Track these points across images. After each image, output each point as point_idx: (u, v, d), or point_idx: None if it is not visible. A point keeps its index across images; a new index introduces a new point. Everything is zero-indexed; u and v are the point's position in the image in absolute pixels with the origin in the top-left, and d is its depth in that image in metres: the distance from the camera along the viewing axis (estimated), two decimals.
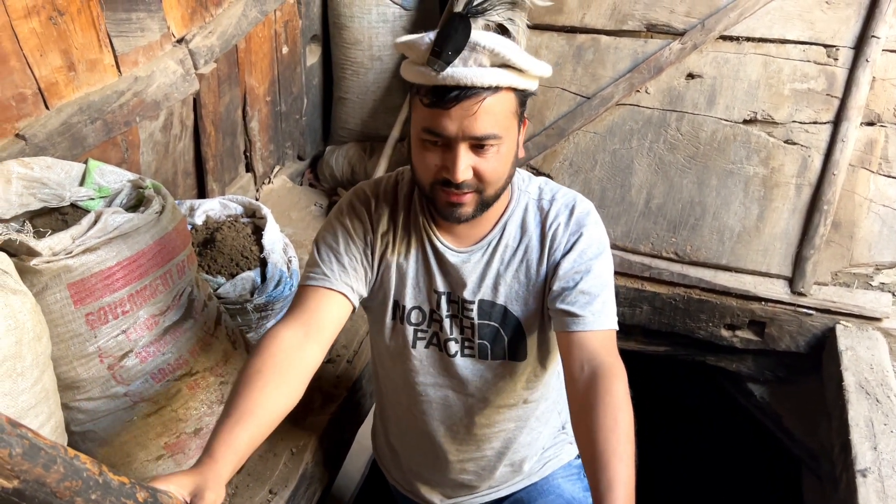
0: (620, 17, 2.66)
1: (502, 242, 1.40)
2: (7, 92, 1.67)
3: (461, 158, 1.22)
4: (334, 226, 1.43)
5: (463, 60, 1.15)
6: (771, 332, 2.36)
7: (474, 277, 1.41)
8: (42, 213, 1.59)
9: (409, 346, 1.48)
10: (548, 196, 1.42)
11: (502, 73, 1.17)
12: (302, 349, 1.28)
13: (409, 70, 1.24)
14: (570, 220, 1.37)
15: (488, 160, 1.24)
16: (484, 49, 1.15)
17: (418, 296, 1.45)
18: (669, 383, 3.23)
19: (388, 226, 1.43)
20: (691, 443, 3.36)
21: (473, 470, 1.62)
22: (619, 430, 1.15)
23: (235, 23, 2.49)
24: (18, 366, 1.20)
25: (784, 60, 2.48)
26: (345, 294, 1.37)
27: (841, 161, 2.34)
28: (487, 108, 1.18)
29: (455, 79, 1.15)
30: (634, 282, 2.46)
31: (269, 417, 1.18)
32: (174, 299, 1.57)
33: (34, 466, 0.68)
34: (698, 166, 2.49)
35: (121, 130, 2.01)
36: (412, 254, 1.43)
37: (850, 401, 1.96)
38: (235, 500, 1.70)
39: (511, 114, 1.24)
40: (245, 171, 2.94)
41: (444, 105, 1.18)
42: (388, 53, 3.17)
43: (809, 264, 2.32)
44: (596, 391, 1.19)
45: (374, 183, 1.49)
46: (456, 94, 1.16)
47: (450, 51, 1.13)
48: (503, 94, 1.20)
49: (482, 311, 1.42)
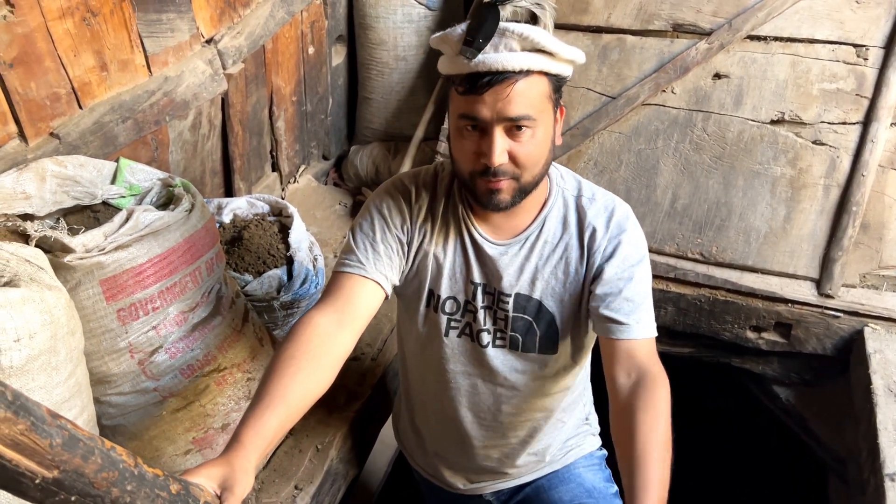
0: (646, 17, 2.65)
1: (541, 238, 1.41)
2: (42, 91, 1.70)
3: (497, 142, 1.24)
4: (371, 213, 1.44)
5: (494, 47, 1.18)
6: (797, 334, 2.34)
7: (511, 270, 1.42)
8: (75, 211, 1.62)
9: (442, 335, 1.49)
10: (587, 194, 1.43)
11: (533, 56, 1.19)
12: (335, 336, 1.29)
13: (444, 63, 1.27)
14: (610, 223, 1.38)
15: (524, 144, 1.25)
16: (513, 34, 1.17)
17: (454, 286, 1.46)
18: (694, 385, 3.21)
19: (426, 215, 1.45)
20: (715, 445, 3.34)
21: (497, 457, 1.64)
22: (658, 436, 1.17)
23: (263, 23, 2.52)
24: (53, 360, 1.22)
25: (813, 60, 2.46)
26: (378, 282, 1.38)
27: (870, 162, 2.31)
28: (520, 90, 1.20)
29: (487, 64, 1.18)
30: (659, 283, 2.44)
31: (300, 403, 1.19)
32: (203, 296, 1.60)
33: (73, 457, 0.70)
34: (724, 167, 2.47)
35: (151, 129, 2.04)
36: (450, 244, 1.44)
37: (879, 404, 1.94)
38: (261, 496, 1.72)
39: (544, 97, 1.25)
40: (271, 171, 2.97)
41: (478, 91, 1.20)
42: (412, 53, 3.18)
43: (837, 266, 2.30)
44: (640, 398, 1.22)
45: (414, 174, 1.50)
46: (489, 80, 1.19)
47: (481, 38, 1.17)
48: (535, 78, 1.22)
49: (518, 305, 1.43)
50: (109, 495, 0.74)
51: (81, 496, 0.72)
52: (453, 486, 1.72)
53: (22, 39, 1.63)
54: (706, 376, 2.97)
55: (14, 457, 0.66)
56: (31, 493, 0.69)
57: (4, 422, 0.64)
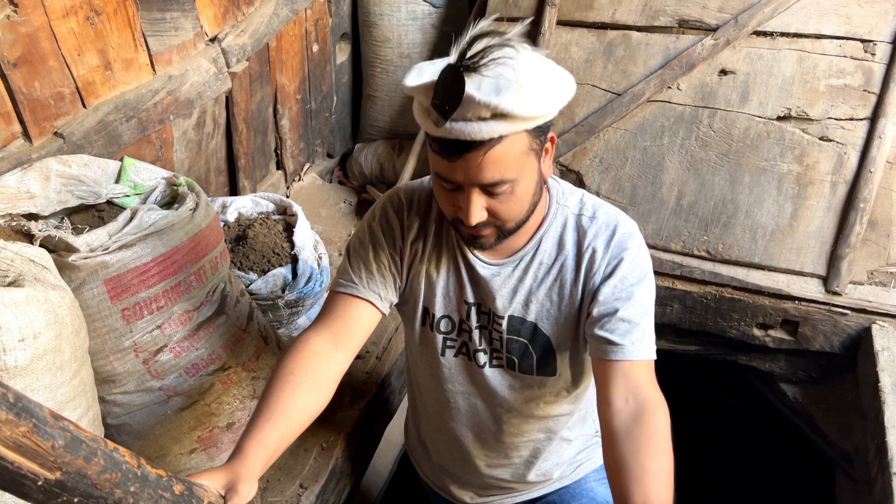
0: (652, 13, 2.64)
1: (536, 259, 1.36)
2: (46, 91, 1.70)
3: (474, 203, 1.18)
4: (365, 232, 1.43)
5: (462, 114, 1.08)
6: (804, 331, 2.33)
7: (505, 292, 1.38)
8: (79, 210, 1.62)
9: (439, 354, 1.48)
10: (588, 213, 1.36)
11: (504, 124, 1.09)
12: (331, 355, 1.31)
13: (418, 114, 1.19)
14: (611, 242, 1.31)
15: (502, 202, 1.20)
16: (480, 104, 1.06)
17: (448, 305, 1.44)
18: (700, 383, 3.20)
19: (418, 234, 1.42)
20: (722, 443, 3.33)
21: (502, 475, 1.62)
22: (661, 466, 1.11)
23: (267, 21, 2.52)
24: (58, 359, 1.22)
25: (819, 56, 2.44)
26: (372, 302, 1.38)
27: (878, 158, 2.30)
28: (493, 157, 1.13)
29: (454, 133, 1.09)
30: (665, 280, 2.43)
31: (299, 417, 1.20)
32: (207, 295, 1.60)
33: (76, 458, 0.70)
34: (731, 164, 2.45)
35: (155, 128, 2.04)
36: (443, 263, 1.42)
37: (887, 402, 1.93)
38: (266, 495, 1.72)
39: (523, 154, 1.17)
40: (276, 169, 2.97)
41: (450, 158, 1.14)
42: (417, 51, 3.18)
43: (844, 263, 2.28)
44: (638, 425, 1.15)
45: (410, 189, 1.46)
46: (458, 149, 1.12)
47: (446, 106, 1.08)
48: (511, 139, 1.13)
49: (511, 327, 1.40)
50: (112, 496, 0.74)
51: (84, 498, 0.72)
52: (461, 500, 1.70)
53: (26, 39, 1.63)
54: (713, 374, 2.96)
55: (16, 459, 0.66)
56: (33, 495, 0.69)
57: (6, 424, 0.64)
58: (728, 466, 3.25)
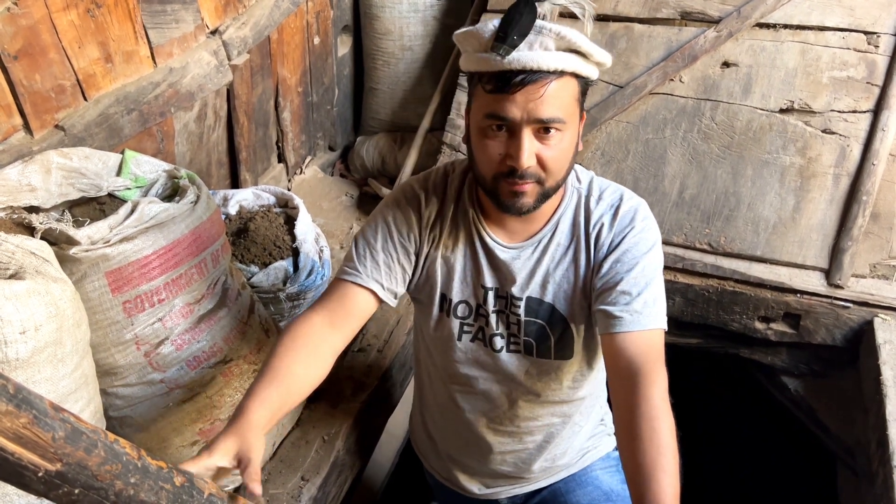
0: (654, 5, 2.63)
1: (554, 240, 1.38)
2: (47, 83, 1.70)
3: (526, 144, 1.20)
4: (376, 222, 1.44)
5: (528, 44, 1.14)
6: (806, 324, 2.32)
7: (524, 274, 1.40)
8: (80, 203, 1.62)
9: (455, 339, 1.48)
10: (596, 193, 1.39)
11: (568, 57, 1.16)
12: (327, 334, 1.35)
13: (470, 59, 1.23)
14: (615, 220, 1.35)
15: (551, 147, 1.22)
16: (550, 32, 1.13)
17: (465, 290, 1.45)
18: (702, 376, 3.20)
19: (436, 220, 1.43)
20: (723, 436, 3.33)
21: (513, 462, 1.62)
22: (660, 441, 1.13)
23: (268, 14, 2.51)
24: (59, 352, 1.23)
25: (822, 48, 2.43)
26: (373, 290, 1.39)
27: (881, 151, 2.29)
28: (552, 91, 1.17)
29: (521, 62, 1.14)
30: (667, 273, 2.40)
31: (299, 383, 1.25)
32: (209, 288, 1.60)
33: (76, 450, 0.70)
34: (733, 156, 2.45)
35: (156, 121, 2.04)
36: (460, 248, 1.43)
37: (889, 395, 1.93)
38: (268, 487, 1.72)
39: (574, 100, 1.22)
40: (277, 162, 2.97)
41: (509, 90, 1.16)
42: (418, 43, 3.17)
43: (847, 256, 2.28)
44: (634, 400, 1.18)
45: (423, 178, 1.48)
46: (521, 79, 1.15)
47: (515, 35, 1.12)
48: (567, 80, 1.19)
49: (529, 308, 1.41)
50: (113, 488, 0.74)
51: (85, 489, 0.72)
52: (468, 491, 1.70)
53: (26, 31, 1.62)
54: (714, 367, 2.96)
55: (16, 450, 0.66)
56: (34, 486, 0.69)
57: (7, 415, 0.64)
58: (730, 459, 3.25)
